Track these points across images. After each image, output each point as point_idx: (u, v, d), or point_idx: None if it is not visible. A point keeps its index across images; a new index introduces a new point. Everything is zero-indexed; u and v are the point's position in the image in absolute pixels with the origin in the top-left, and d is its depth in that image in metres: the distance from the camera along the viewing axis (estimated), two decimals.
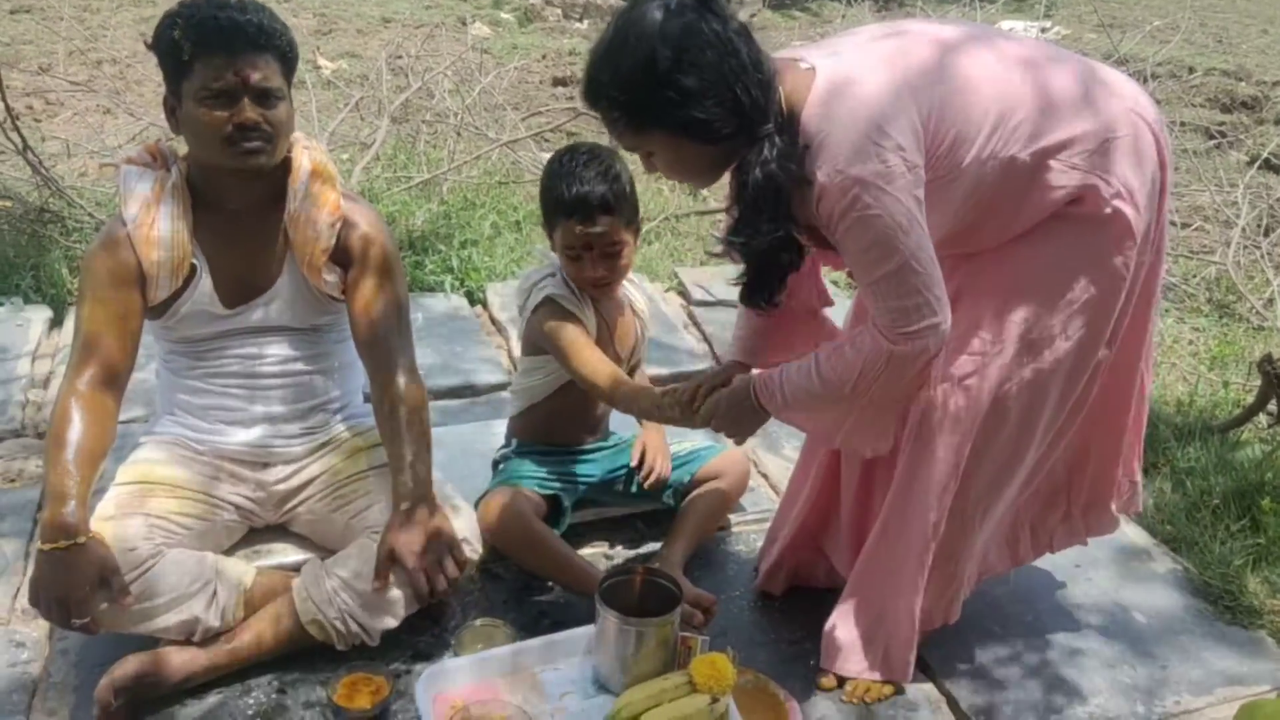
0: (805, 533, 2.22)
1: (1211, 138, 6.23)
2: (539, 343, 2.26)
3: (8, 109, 3.70)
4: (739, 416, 1.90)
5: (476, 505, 2.21)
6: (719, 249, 1.82)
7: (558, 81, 7.14)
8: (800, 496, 2.21)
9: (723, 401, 1.90)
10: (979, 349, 1.78)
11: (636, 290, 2.44)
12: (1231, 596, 2.32)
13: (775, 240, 1.68)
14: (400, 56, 6.25)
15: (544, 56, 7.88)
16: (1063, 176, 1.68)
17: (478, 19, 8.90)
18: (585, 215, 2.12)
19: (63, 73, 6.15)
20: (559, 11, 9.65)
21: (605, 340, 2.28)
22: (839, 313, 2.13)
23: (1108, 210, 1.69)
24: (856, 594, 2.02)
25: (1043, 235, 1.74)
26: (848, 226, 1.60)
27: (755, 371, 1.94)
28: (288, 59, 1.94)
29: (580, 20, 9.30)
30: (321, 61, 7.05)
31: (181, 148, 2.03)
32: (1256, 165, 5.48)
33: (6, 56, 6.62)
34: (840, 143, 1.57)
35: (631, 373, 2.40)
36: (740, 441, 2.03)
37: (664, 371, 3.14)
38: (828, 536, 2.22)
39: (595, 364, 2.15)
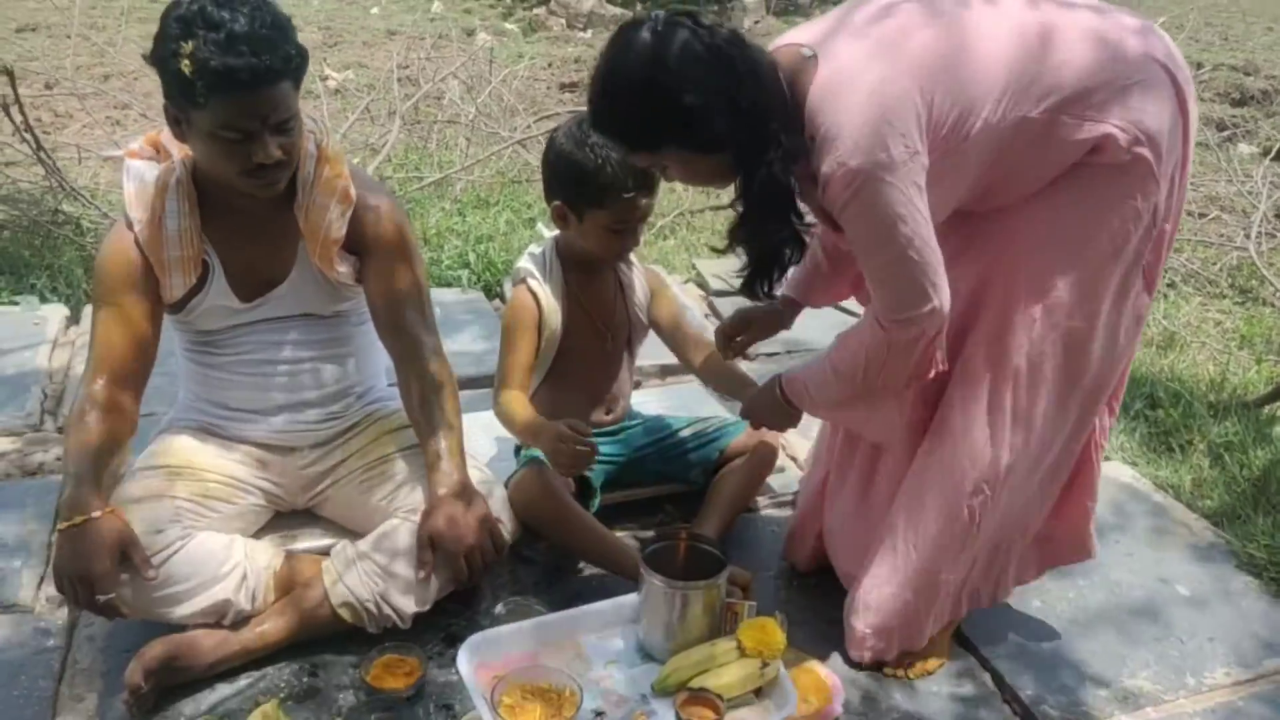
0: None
1: (1223, 129, 6.21)
2: None
3: (22, 112, 3.69)
4: (771, 413, 2.03)
5: (506, 484, 2.16)
6: (725, 244, 1.82)
7: (565, 87, 7.13)
8: (819, 468, 2.18)
9: (757, 399, 2.05)
10: (1006, 306, 1.74)
11: (637, 278, 2.37)
12: (1277, 568, 2.27)
13: (781, 239, 1.71)
14: (407, 66, 6.24)
15: (550, 64, 7.89)
16: (1077, 130, 1.65)
17: (482, 30, 8.92)
18: (650, 184, 2.08)
19: (70, 87, 6.14)
20: (563, 21, 9.67)
21: (580, 319, 2.25)
22: None
23: (1127, 157, 1.66)
24: (886, 565, 1.93)
25: (1063, 188, 1.71)
26: (850, 216, 1.64)
27: (785, 372, 1.99)
28: (299, 74, 1.79)
29: (584, 30, 9.32)
30: (329, 72, 7.05)
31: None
32: (1270, 156, 5.45)
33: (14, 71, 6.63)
34: (842, 136, 1.57)
35: (631, 356, 2.39)
36: (782, 430, 2.14)
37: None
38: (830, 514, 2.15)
39: (510, 359, 2.21)
